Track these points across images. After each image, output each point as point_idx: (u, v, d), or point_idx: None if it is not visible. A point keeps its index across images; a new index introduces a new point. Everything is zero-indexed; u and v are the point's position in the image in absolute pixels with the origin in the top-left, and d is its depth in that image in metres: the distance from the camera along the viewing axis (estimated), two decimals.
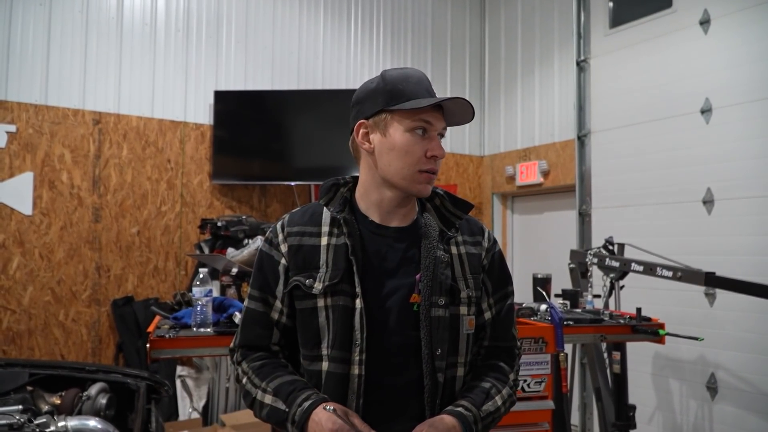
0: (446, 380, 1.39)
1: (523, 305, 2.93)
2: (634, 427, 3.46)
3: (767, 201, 3.92)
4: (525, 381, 2.51)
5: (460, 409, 1.34)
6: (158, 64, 4.95)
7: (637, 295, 4.21)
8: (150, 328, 2.33)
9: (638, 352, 4.29)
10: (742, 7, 4.11)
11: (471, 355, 1.46)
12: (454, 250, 1.46)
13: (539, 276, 3.28)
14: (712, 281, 2.96)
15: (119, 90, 4.79)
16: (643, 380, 4.57)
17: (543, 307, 2.76)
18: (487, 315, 1.49)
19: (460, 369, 1.43)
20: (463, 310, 1.42)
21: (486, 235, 1.54)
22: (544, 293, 3.01)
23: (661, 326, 2.98)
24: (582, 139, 5.18)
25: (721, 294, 4.02)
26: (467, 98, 1.69)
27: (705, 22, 4.32)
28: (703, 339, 3.07)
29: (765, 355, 3.87)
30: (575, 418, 5.08)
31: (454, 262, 1.44)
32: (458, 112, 1.42)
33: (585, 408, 4.98)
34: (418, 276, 1.40)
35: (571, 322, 2.69)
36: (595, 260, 3.59)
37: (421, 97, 1.39)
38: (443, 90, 6.23)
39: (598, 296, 3.75)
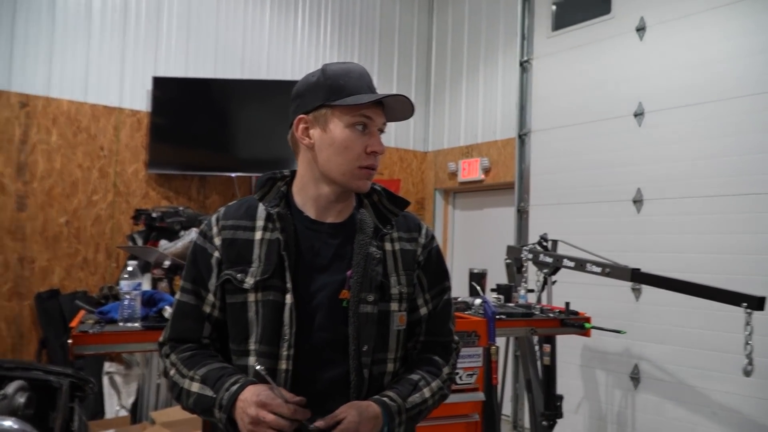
0: (373, 376, 1.40)
1: (458, 299, 2.99)
2: (561, 416, 3.59)
3: (693, 201, 4.12)
4: (457, 374, 2.56)
5: (385, 399, 1.36)
6: (93, 46, 4.75)
7: (571, 289, 4.35)
8: (73, 323, 2.25)
9: (568, 344, 4.45)
10: (676, 16, 4.29)
11: (404, 351, 1.48)
12: (388, 246, 1.47)
13: (475, 271, 3.35)
14: (637, 277, 3.09)
15: (50, 72, 4.58)
16: (572, 371, 4.73)
17: (477, 301, 2.82)
18: (423, 311, 1.50)
19: (389, 365, 1.44)
20: (394, 306, 1.43)
21: (423, 231, 1.55)
22: (478, 288, 3.07)
23: (587, 320, 3.10)
24: (522, 137, 5.31)
25: (647, 289, 4.20)
26: (413, 94, 1.70)
27: (641, 29, 4.49)
28: (625, 332, 3.21)
29: (685, 347, 4.08)
30: (507, 409, 5.23)
31: (387, 258, 1.45)
32: (398, 108, 1.43)
33: (517, 399, 5.13)
34: (349, 272, 1.40)
35: (503, 316, 2.76)
36: (530, 256, 3.68)
37: (362, 93, 1.39)
38: (389, 84, 6.25)
39: (532, 291, 3.86)
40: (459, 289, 3.27)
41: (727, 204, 3.94)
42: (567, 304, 3.13)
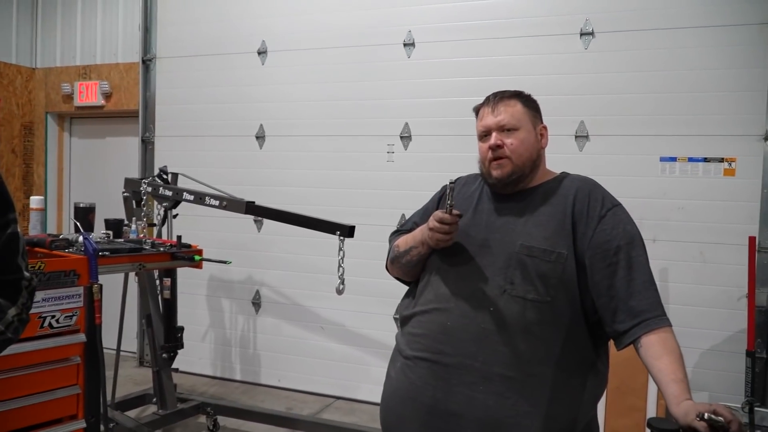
0: None
1: (60, 237, 2.71)
2: (181, 347, 3.64)
3: (307, 139, 4.50)
4: (54, 317, 2.34)
5: None
6: None
7: (200, 222, 4.40)
8: None
9: (196, 276, 4.50)
10: None
11: None
12: None
13: (81, 205, 3.07)
14: (251, 210, 3.25)
15: None
16: (198, 302, 4.83)
17: (81, 238, 2.60)
18: None
19: None
20: None
21: None
22: (76, 223, 2.83)
23: (198, 252, 3.16)
24: (147, 63, 4.99)
25: (268, 221, 4.48)
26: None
27: None
28: (231, 262, 3.36)
29: (298, 272, 4.53)
30: (133, 346, 5.09)
31: None
32: None
33: (143, 335, 5.01)
34: None
35: (107, 253, 2.61)
36: (149, 189, 3.55)
37: None
38: None
39: (154, 225, 3.75)
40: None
41: (332, 143, 4.43)
42: (179, 237, 3.13)
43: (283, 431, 3.73)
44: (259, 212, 3.34)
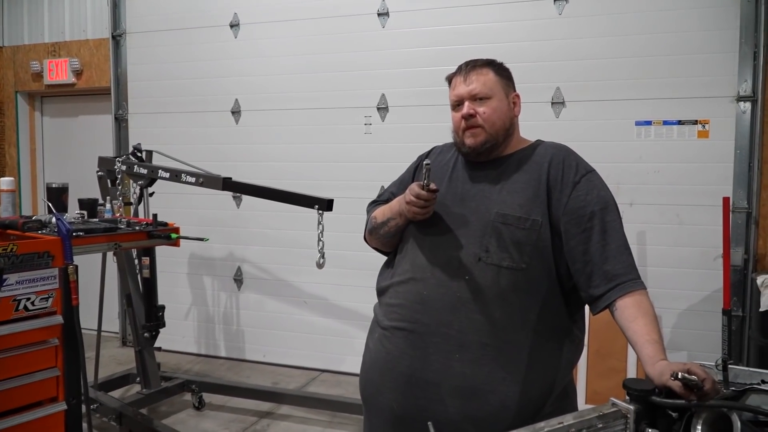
0: None
1: (33, 218, 2.66)
2: (163, 325, 3.63)
3: (282, 113, 4.45)
4: (29, 299, 2.30)
5: None
6: None
7: (178, 200, 4.35)
8: None
9: (176, 255, 4.46)
10: None
11: None
12: None
13: (54, 185, 3.01)
14: (228, 186, 3.22)
15: None
16: (180, 281, 4.81)
17: (54, 219, 2.55)
18: None
19: None
20: None
21: None
22: (49, 204, 2.78)
23: (176, 230, 3.13)
24: (117, 38, 4.87)
25: (247, 197, 4.44)
26: None
27: None
28: (208, 239, 3.35)
29: (279, 247, 4.52)
30: (115, 326, 5.06)
31: None
32: None
33: (125, 314, 4.98)
34: None
35: (81, 233, 2.57)
36: (124, 167, 3.48)
37: None
38: None
39: (131, 203, 3.70)
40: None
41: (309, 116, 4.38)
42: (155, 216, 3.09)
43: (269, 405, 3.77)
44: (237, 188, 3.31)
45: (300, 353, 4.52)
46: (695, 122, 3.59)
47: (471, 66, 1.65)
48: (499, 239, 1.51)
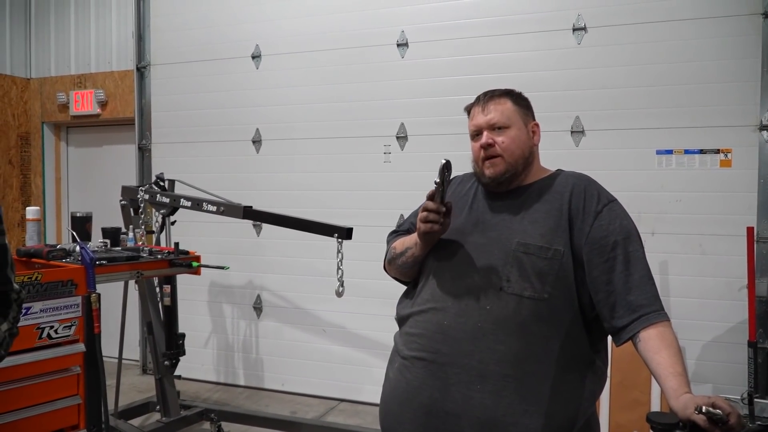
0: None
1: (57, 247, 2.71)
2: (183, 353, 3.64)
3: (303, 143, 4.50)
4: (52, 327, 2.34)
5: None
6: None
7: (198, 228, 4.40)
8: None
9: (196, 283, 4.50)
10: None
11: None
12: None
13: (78, 215, 3.07)
14: (248, 215, 3.25)
15: None
16: (199, 308, 4.83)
17: (78, 248, 2.59)
18: None
19: None
20: None
21: None
22: (73, 233, 2.83)
23: (196, 259, 3.16)
24: (141, 70, 4.99)
25: (267, 225, 4.47)
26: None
27: None
28: (228, 268, 3.37)
29: (298, 275, 4.53)
30: (135, 353, 5.09)
31: None
32: None
33: (146, 342, 5.00)
34: None
35: (104, 262, 2.61)
36: (146, 196, 3.54)
37: None
38: None
39: (153, 232, 3.75)
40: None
41: (328, 145, 4.43)
42: (176, 244, 3.13)
43: None
44: (257, 216, 3.34)
45: (318, 382, 4.49)
46: (717, 151, 3.56)
47: (489, 96, 1.66)
48: (520, 269, 1.50)
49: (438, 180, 1.46)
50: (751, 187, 3.52)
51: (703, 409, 1.12)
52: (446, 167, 1.47)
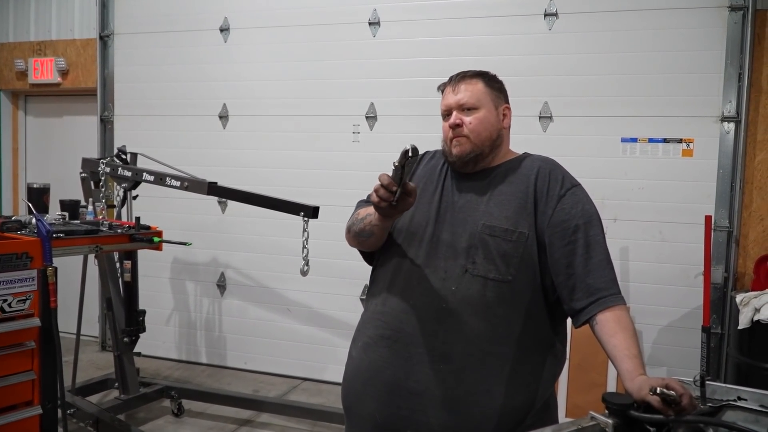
0: None
1: (12, 218, 2.62)
2: (143, 330, 3.59)
3: (268, 119, 4.43)
4: (5, 300, 2.27)
5: None
6: None
7: (163, 203, 4.31)
8: None
9: (158, 259, 4.43)
10: None
11: None
12: None
13: (35, 186, 2.98)
14: (213, 191, 3.19)
15: None
16: (162, 285, 4.76)
17: (34, 220, 2.52)
18: None
19: None
20: None
21: None
22: (29, 205, 2.74)
23: (158, 234, 3.10)
24: (105, 39, 4.83)
25: (232, 202, 4.40)
26: None
27: None
28: (191, 244, 3.31)
29: (263, 254, 4.49)
30: (95, 330, 5.00)
31: None
32: None
33: (105, 318, 4.91)
34: None
35: (61, 235, 2.53)
36: (108, 169, 3.45)
37: None
38: None
39: (114, 206, 3.66)
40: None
41: (297, 123, 4.37)
42: (137, 219, 3.06)
43: (249, 413, 3.72)
44: (222, 193, 3.28)
45: (282, 361, 4.48)
46: (680, 141, 3.63)
47: (461, 76, 1.65)
48: (485, 251, 1.51)
49: (397, 163, 1.40)
50: (710, 176, 3.61)
51: (658, 390, 1.14)
52: (412, 152, 1.37)
